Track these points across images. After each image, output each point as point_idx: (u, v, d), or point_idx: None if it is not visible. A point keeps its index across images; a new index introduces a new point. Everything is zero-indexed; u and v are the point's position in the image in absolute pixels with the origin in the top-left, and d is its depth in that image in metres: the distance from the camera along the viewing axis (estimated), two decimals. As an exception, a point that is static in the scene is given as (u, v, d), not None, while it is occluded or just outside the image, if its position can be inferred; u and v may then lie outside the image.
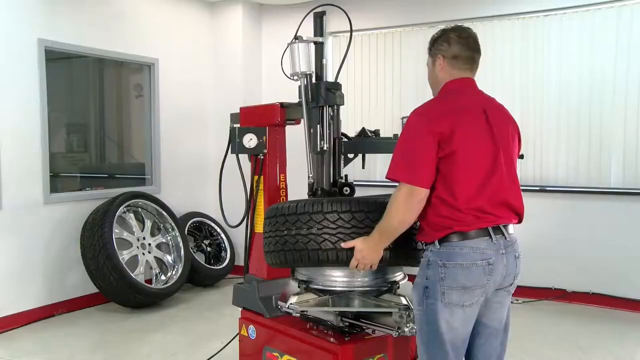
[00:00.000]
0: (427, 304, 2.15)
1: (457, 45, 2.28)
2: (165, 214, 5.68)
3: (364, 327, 2.43)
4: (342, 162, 3.20)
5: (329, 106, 2.79)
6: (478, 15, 5.76)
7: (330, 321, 2.45)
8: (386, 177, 2.19)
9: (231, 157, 3.28)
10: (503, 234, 2.18)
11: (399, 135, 3.70)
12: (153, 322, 4.92)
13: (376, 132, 3.59)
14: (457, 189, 2.13)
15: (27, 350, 4.24)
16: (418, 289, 2.20)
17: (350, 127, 6.18)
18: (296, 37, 2.87)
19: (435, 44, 2.34)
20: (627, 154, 5.25)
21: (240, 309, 3.14)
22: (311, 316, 2.52)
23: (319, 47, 2.95)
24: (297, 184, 3.30)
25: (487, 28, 5.80)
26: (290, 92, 3.10)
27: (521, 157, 5.02)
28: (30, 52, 4.78)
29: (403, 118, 3.84)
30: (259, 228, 3.15)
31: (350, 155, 3.29)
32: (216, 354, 3.92)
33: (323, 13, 2.97)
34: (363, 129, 3.55)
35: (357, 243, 2.20)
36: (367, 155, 3.46)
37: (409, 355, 2.58)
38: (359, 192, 3.07)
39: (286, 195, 3.21)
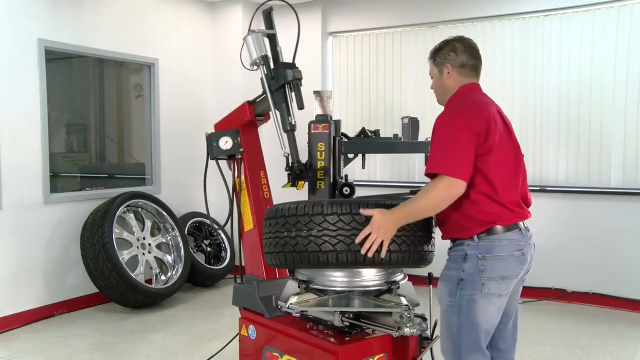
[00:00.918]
0: (462, 295, 2.27)
1: (463, 54, 2.41)
2: (165, 214, 5.68)
3: (364, 327, 2.43)
4: (342, 162, 3.21)
5: (288, 83, 2.93)
6: (478, 15, 5.76)
7: (330, 321, 2.44)
8: (426, 173, 2.25)
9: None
10: (526, 227, 2.36)
11: (399, 136, 3.72)
12: (153, 322, 4.92)
13: (376, 132, 3.60)
14: (498, 184, 2.26)
15: (27, 351, 4.24)
16: (451, 281, 2.30)
17: (350, 127, 6.21)
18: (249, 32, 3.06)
19: (441, 53, 2.45)
20: (627, 154, 5.26)
21: (240, 309, 3.14)
22: (311, 316, 2.52)
23: (272, 38, 3.13)
24: (278, 180, 3.34)
25: (487, 28, 5.81)
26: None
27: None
28: (30, 52, 4.79)
29: (403, 118, 3.84)
30: (248, 226, 3.19)
31: (350, 155, 3.29)
32: (216, 354, 3.92)
33: (270, 9, 3.16)
34: (363, 129, 3.55)
35: (375, 213, 2.19)
36: (367, 155, 3.46)
37: (409, 355, 2.58)
38: (359, 192, 3.07)
39: (269, 191, 3.26)
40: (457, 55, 2.41)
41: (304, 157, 3.01)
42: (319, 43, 6.47)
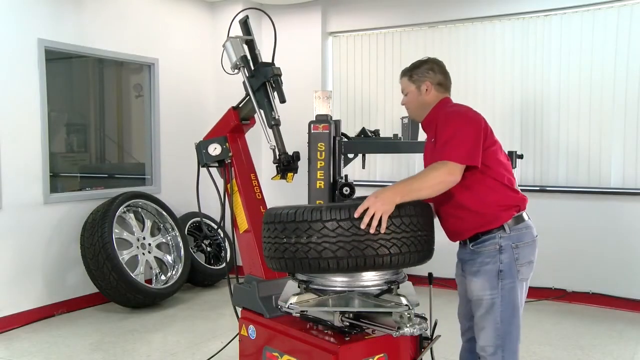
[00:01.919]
0: (504, 285, 2.43)
1: (440, 74, 2.59)
2: (165, 214, 5.68)
3: (364, 327, 2.43)
4: (342, 162, 3.21)
5: (268, 80, 3.07)
6: (478, 15, 5.76)
7: (330, 321, 2.44)
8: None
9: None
10: None
11: (399, 136, 3.71)
12: (153, 322, 4.92)
13: (376, 132, 3.60)
14: (505, 172, 2.46)
15: (27, 350, 4.25)
16: (490, 275, 2.44)
17: (350, 127, 6.21)
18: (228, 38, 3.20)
19: (418, 71, 2.59)
20: (627, 154, 5.26)
21: (240, 309, 3.14)
22: (311, 316, 2.51)
23: (250, 43, 3.28)
24: (279, 184, 3.36)
25: (487, 28, 5.81)
26: (287, 92, 3.16)
27: (521, 157, 5.03)
28: (30, 52, 4.79)
29: (403, 118, 3.84)
30: (243, 227, 3.22)
31: (350, 155, 3.30)
32: (216, 354, 3.92)
33: (246, 17, 3.33)
34: (363, 129, 3.56)
35: (370, 196, 2.21)
36: (367, 155, 3.46)
37: (409, 355, 2.58)
38: (359, 193, 3.06)
39: (261, 192, 3.31)
40: (435, 74, 2.57)
41: (290, 150, 3.10)
42: (319, 43, 6.47)
